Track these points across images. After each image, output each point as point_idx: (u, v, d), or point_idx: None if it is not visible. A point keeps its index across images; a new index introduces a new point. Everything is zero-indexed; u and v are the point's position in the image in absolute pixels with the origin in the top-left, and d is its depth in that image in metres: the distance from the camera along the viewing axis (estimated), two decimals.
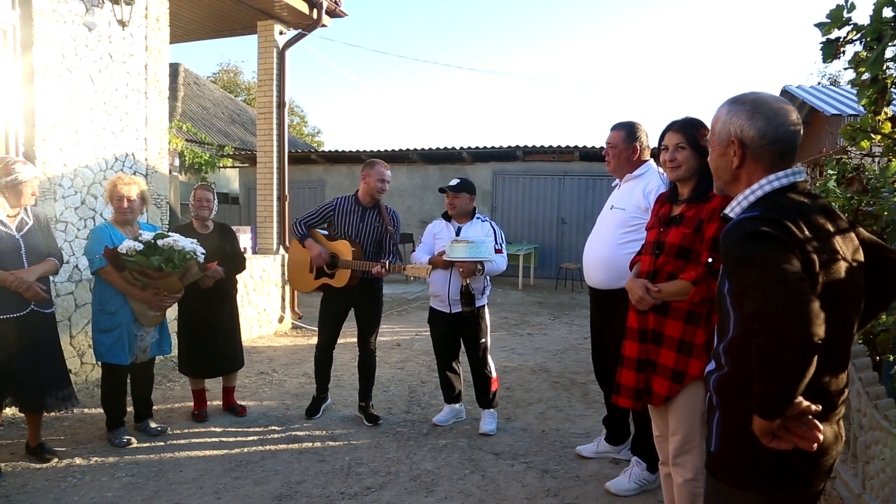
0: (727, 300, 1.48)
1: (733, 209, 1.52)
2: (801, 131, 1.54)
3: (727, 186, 1.59)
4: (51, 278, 3.63)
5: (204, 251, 3.84)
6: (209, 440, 3.95)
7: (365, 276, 4.18)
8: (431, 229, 4.26)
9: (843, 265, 1.40)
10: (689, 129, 2.51)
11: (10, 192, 3.30)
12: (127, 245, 3.56)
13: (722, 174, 1.58)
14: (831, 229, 1.42)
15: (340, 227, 4.25)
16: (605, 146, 3.49)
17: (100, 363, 3.84)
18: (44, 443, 3.63)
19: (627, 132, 3.37)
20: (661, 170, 3.41)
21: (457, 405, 4.35)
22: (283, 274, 7.63)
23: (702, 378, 2.36)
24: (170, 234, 3.76)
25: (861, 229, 1.59)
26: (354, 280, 4.15)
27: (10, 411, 3.76)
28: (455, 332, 4.19)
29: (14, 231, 3.34)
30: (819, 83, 22.65)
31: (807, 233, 1.36)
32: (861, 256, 1.49)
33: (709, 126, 2.53)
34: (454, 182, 4.11)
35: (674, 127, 2.55)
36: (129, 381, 3.95)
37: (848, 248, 1.44)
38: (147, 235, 3.68)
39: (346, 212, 4.26)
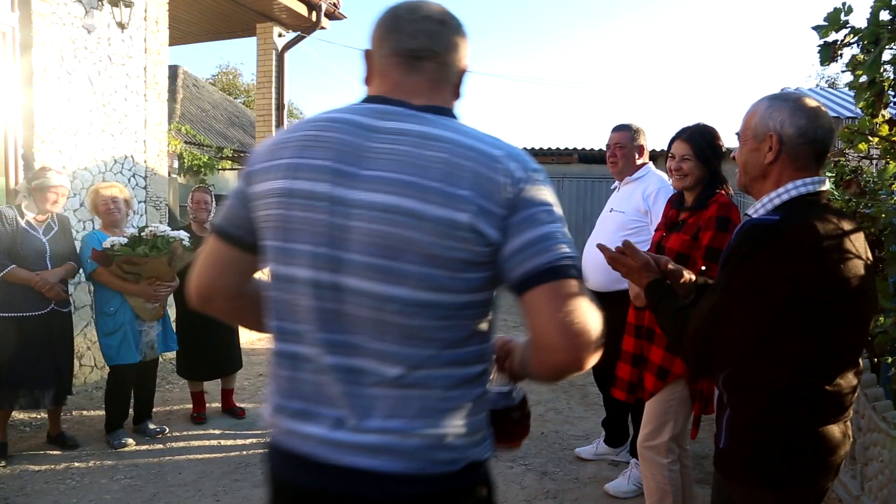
0: None
1: (757, 211, 1.49)
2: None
3: (753, 183, 1.55)
4: (68, 280, 3.79)
5: (189, 235, 3.92)
6: (208, 442, 3.95)
7: None
8: None
9: (861, 268, 1.40)
10: (696, 140, 2.51)
11: (36, 194, 3.57)
12: (111, 241, 3.65)
13: (750, 169, 1.54)
14: (850, 233, 1.42)
15: None
16: (607, 147, 3.49)
17: (108, 367, 3.86)
18: (64, 431, 3.79)
19: (633, 133, 3.42)
20: (660, 172, 3.42)
21: None
22: None
23: (684, 377, 2.41)
24: (152, 224, 3.93)
25: None
26: None
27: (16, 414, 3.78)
28: None
29: (41, 235, 3.59)
30: (817, 85, 22.68)
31: (827, 238, 1.37)
32: (870, 257, 1.49)
33: (717, 131, 2.56)
34: None
35: (682, 136, 2.56)
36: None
37: (863, 250, 1.45)
38: (132, 230, 3.80)
39: None
